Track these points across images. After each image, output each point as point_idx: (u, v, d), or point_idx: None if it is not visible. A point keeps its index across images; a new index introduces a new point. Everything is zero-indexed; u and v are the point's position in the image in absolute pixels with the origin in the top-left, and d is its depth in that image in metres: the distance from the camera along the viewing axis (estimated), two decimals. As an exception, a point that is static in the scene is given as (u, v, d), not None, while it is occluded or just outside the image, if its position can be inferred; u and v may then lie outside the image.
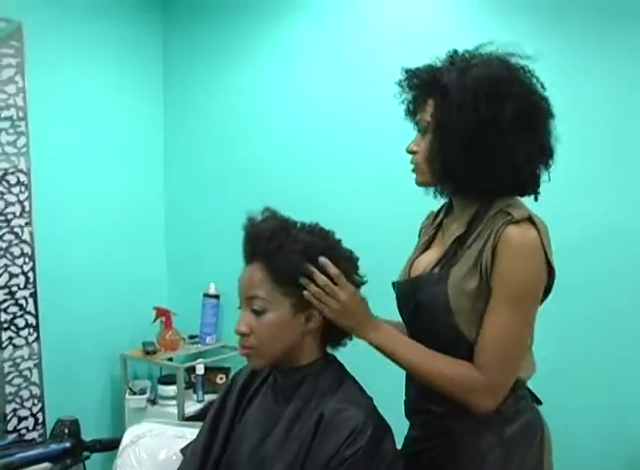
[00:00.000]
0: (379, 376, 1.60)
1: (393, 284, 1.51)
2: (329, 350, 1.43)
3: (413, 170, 1.42)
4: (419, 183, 1.42)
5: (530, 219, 1.27)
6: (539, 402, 1.47)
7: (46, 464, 1.99)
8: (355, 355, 1.41)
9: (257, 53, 3.12)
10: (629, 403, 2.36)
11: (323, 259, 1.29)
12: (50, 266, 2.71)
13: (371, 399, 1.36)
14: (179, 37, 3.36)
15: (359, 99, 2.86)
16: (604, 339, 2.38)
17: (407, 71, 1.40)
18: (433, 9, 2.71)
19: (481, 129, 1.26)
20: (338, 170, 2.91)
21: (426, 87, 1.35)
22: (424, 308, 1.38)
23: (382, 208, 2.80)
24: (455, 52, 1.38)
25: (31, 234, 2.58)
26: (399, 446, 1.44)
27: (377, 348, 1.34)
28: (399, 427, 1.44)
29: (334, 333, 1.35)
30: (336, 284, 1.29)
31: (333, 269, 1.29)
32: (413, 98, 1.40)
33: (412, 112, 1.42)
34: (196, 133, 3.33)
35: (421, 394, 1.42)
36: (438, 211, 1.54)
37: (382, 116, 2.69)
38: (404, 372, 1.43)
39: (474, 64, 1.31)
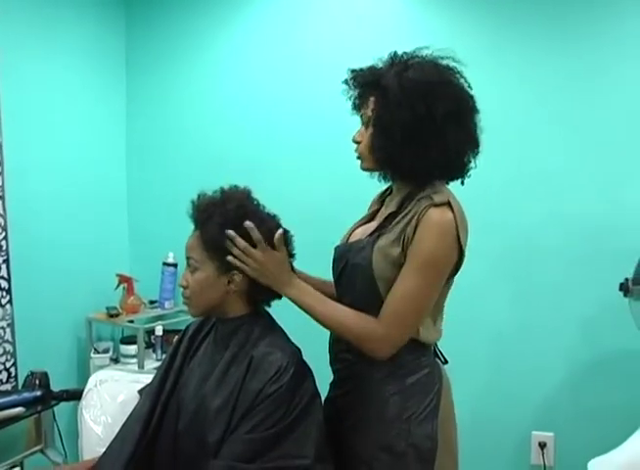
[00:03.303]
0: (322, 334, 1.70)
1: (335, 248, 1.66)
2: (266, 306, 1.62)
3: (358, 158, 1.57)
4: (363, 169, 1.57)
5: (449, 204, 1.42)
6: (445, 362, 1.63)
7: (20, 409, 2.18)
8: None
9: (213, 46, 3.30)
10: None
11: (248, 223, 1.46)
12: (22, 236, 2.78)
13: (297, 347, 1.55)
14: (140, 30, 3.47)
15: (306, 87, 3.06)
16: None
17: (352, 71, 1.55)
18: (378, 4, 2.93)
19: (417, 125, 1.41)
20: (284, 152, 3.14)
21: (368, 86, 1.51)
22: (350, 268, 1.54)
23: (323, 186, 3.01)
24: (395, 54, 1.52)
25: (4, 207, 2.66)
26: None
27: (291, 300, 1.51)
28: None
29: (256, 294, 1.55)
30: (256, 247, 1.46)
31: (255, 234, 1.46)
32: (358, 95, 1.55)
33: (357, 106, 1.56)
34: (156, 115, 3.47)
35: (337, 343, 1.60)
36: (386, 190, 1.69)
37: (329, 104, 2.82)
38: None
39: (410, 66, 1.46)
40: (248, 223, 1.47)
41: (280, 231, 1.51)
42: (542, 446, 2.74)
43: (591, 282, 2.62)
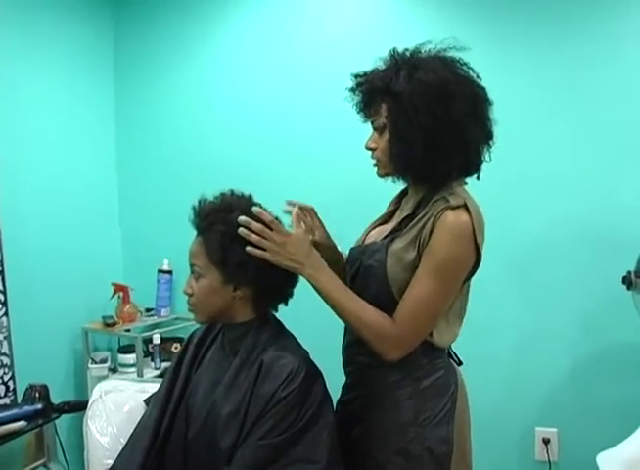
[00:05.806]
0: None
1: (350, 250, 1.64)
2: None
3: (375, 165, 1.53)
4: (380, 175, 1.54)
5: (466, 206, 1.39)
6: (460, 364, 1.62)
7: (22, 423, 2.18)
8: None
9: (203, 49, 3.27)
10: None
11: (256, 209, 1.43)
12: (16, 248, 2.74)
13: (306, 350, 1.54)
14: (129, 34, 3.44)
15: (299, 90, 3.04)
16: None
17: (356, 77, 1.50)
18: (371, 3, 2.92)
19: (437, 127, 1.37)
20: (279, 156, 3.12)
21: (377, 93, 1.45)
22: (364, 271, 1.51)
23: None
24: (397, 52, 1.47)
25: (-3, 219, 2.60)
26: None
27: (313, 285, 1.45)
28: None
29: (263, 299, 1.54)
30: (272, 230, 1.41)
31: (267, 217, 1.42)
32: (365, 102, 1.50)
33: (365, 113, 1.52)
34: (147, 120, 3.43)
35: (351, 347, 1.58)
36: (404, 190, 1.64)
37: (321, 104, 2.90)
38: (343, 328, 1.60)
39: (418, 67, 1.41)
40: (255, 209, 1.44)
41: (296, 208, 1.50)
42: (546, 441, 2.73)
43: (593, 276, 2.62)
